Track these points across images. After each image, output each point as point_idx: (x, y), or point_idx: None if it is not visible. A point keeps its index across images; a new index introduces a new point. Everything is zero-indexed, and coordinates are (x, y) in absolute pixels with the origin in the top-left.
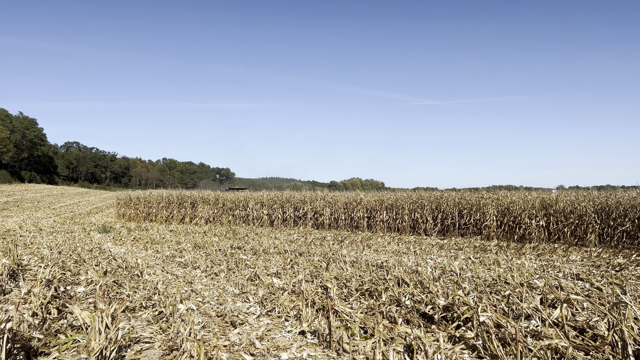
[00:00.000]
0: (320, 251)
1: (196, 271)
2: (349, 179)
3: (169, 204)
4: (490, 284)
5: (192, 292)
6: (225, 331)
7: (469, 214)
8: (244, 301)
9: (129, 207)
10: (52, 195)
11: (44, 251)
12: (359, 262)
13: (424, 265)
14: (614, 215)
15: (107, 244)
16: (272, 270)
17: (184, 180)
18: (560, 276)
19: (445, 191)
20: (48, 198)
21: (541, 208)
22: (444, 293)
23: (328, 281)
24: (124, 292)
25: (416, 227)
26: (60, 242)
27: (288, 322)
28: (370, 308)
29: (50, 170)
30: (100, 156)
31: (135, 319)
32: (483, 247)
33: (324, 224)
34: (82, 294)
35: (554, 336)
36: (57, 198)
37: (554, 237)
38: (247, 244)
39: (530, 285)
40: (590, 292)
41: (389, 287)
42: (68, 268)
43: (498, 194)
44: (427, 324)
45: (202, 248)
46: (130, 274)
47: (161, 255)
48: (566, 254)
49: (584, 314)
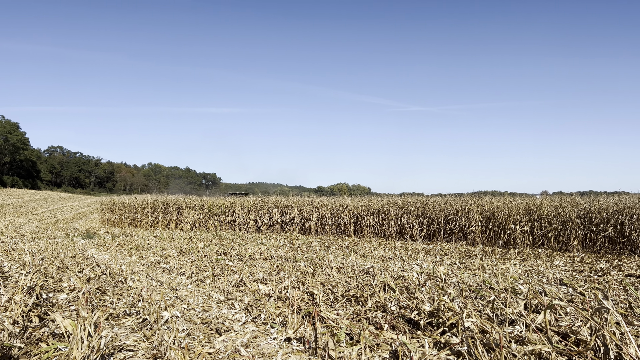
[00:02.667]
0: (306, 257)
1: (181, 277)
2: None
3: (154, 210)
4: (475, 290)
5: (177, 299)
6: (210, 338)
7: (454, 219)
8: (230, 308)
9: (113, 212)
10: (34, 201)
11: (26, 257)
12: (345, 268)
13: (410, 270)
14: (596, 220)
15: (90, 250)
16: (258, 276)
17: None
18: (544, 281)
19: (431, 196)
20: (30, 203)
21: (525, 214)
22: (430, 299)
23: (314, 287)
24: (107, 299)
25: (402, 232)
26: (43, 248)
27: (274, 329)
28: (356, 314)
29: (33, 175)
30: (84, 161)
31: (119, 326)
32: (468, 252)
33: (310, 230)
34: (64, 301)
35: (538, 341)
36: (39, 203)
37: (538, 243)
38: (233, 249)
39: (515, 291)
40: (573, 297)
41: (375, 293)
42: (50, 275)
43: (483, 199)
44: (412, 330)
45: (188, 254)
46: (114, 280)
47: (146, 261)
48: (550, 259)
49: (567, 319)
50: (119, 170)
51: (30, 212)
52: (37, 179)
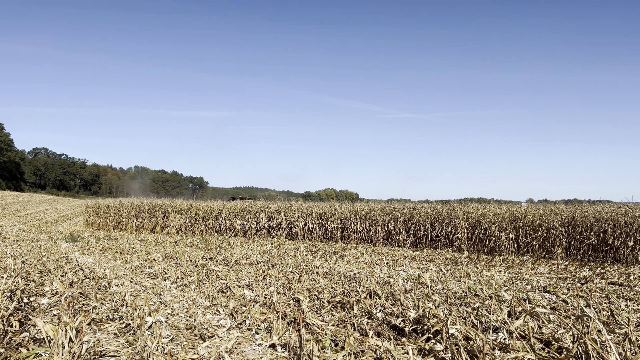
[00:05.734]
0: (293, 262)
1: (166, 282)
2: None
3: (139, 213)
4: (460, 296)
5: (161, 303)
6: (194, 344)
7: (440, 226)
8: (214, 313)
9: (98, 215)
10: (17, 203)
11: (7, 261)
12: (332, 274)
13: (396, 277)
14: (580, 229)
15: (74, 253)
16: (243, 281)
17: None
18: (528, 289)
19: (418, 203)
20: (13, 205)
21: (511, 221)
22: (415, 305)
23: (300, 293)
24: (90, 304)
25: (389, 238)
26: (25, 251)
27: (258, 335)
28: (341, 320)
29: (17, 176)
30: (69, 163)
31: (101, 331)
32: (454, 259)
33: (297, 235)
34: (46, 305)
35: (521, 349)
36: (23, 205)
37: (523, 250)
38: (219, 254)
39: (499, 298)
40: (556, 304)
41: (361, 299)
42: (32, 278)
43: (469, 206)
44: (397, 337)
45: (173, 258)
46: (98, 284)
47: (130, 265)
48: (534, 267)
49: (550, 327)
50: (105, 172)
51: (13, 215)
52: (21, 181)
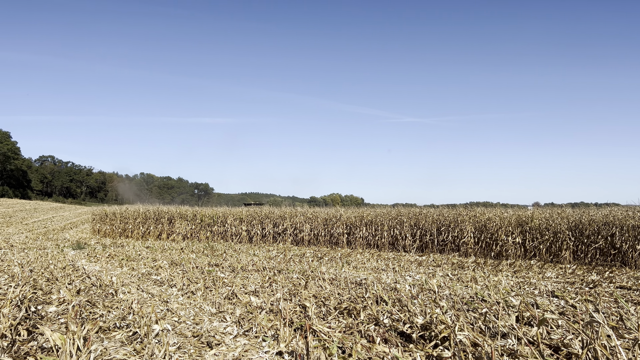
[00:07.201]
0: (299, 268)
1: (172, 289)
2: (329, 195)
3: (145, 220)
4: (467, 302)
5: (168, 311)
6: (201, 352)
7: (447, 230)
8: (221, 321)
9: (104, 222)
10: (24, 210)
11: (15, 269)
12: (338, 280)
13: (402, 282)
14: (587, 232)
15: (81, 261)
16: (250, 288)
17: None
18: (536, 293)
19: (424, 207)
20: (20, 213)
21: (517, 225)
22: (422, 311)
23: (307, 299)
24: (97, 312)
25: (395, 243)
26: (32, 259)
27: (265, 343)
28: (348, 327)
29: (24, 184)
30: (75, 170)
31: (109, 340)
32: (461, 263)
33: (303, 240)
34: (53, 314)
35: (530, 355)
36: (30, 213)
37: (530, 254)
38: (225, 261)
39: (507, 303)
40: (565, 309)
41: (367, 305)
42: (39, 287)
43: (475, 210)
44: (405, 343)
45: (179, 265)
46: (105, 292)
47: (137, 272)
48: (542, 271)
49: (558, 332)
50: (111, 180)
51: (20, 222)
52: (28, 189)
